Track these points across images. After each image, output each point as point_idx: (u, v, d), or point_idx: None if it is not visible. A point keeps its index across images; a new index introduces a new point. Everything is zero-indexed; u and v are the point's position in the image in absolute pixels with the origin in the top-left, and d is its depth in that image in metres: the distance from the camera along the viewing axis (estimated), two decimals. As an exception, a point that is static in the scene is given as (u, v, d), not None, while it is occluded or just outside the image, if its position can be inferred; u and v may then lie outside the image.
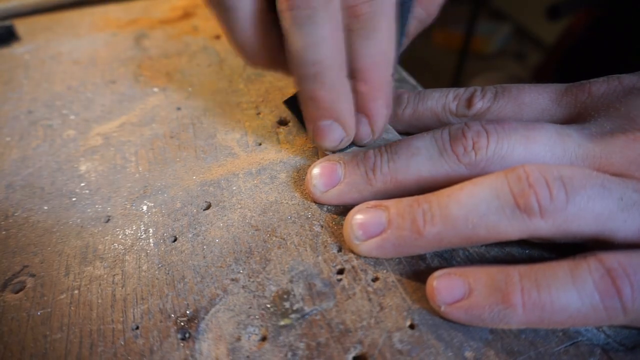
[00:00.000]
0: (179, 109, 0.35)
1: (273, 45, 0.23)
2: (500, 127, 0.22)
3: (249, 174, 0.28)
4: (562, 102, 0.25)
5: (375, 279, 0.22)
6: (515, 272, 0.19)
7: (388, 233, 0.21)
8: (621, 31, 0.70)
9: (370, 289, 0.21)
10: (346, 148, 0.27)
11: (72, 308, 0.22)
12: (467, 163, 0.22)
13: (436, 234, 0.20)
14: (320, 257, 0.23)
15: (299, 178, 0.27)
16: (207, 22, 0.49)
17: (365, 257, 0.22)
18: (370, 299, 0.21)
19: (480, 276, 0.19)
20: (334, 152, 0.26)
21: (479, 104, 0.26)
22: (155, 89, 0.38)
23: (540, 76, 0.89)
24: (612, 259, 0.18)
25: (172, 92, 0.37)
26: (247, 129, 0.32)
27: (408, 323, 0.20)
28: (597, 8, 0.75)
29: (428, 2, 0.28)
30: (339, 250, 0.23)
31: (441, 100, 0.27)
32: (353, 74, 0.23)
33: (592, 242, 0.20)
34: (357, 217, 0.22)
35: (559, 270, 0.18)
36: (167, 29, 0.48)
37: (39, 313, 0.22)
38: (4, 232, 0.26)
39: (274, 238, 0.24)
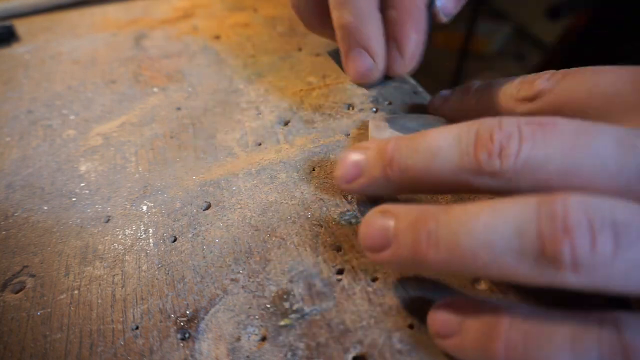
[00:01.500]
0: (179, 109, 0.35)
1: None
2: (540, 129, 0.17)
3: (249, 174, 0.28)
4: None
5: (375, 279, 0.22)
6: (506, 318, 0.16)
7: (388, 253, 0.18)
8: (621, 31, 0.70)
9: (370, 289, 0.21)
10: (380, 84, 0.26)
11: (72, 308, 0.22)
12: (490, 172, 0.17)
13: (440, 261, 0.16)
14: (320, 257, 0.23)
15: (299, 178, 0.27)
16: (207, 22, 0.49)
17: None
18: (370, 299, 0.21)
19: (473, 315, 0.17)
20: (367, 87, 0.27)
21: (542, 84, 0.23)
22: (155, 89, 0.38)
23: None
24: (636, 331, 0.14)
25: (172, 92, 0.37)
26: (247, 129, 0.32)
27: (408, 323, 0.20)
28: (597, 8, 0.76)
29: None
30: (339, 250, 0.23)
31: (507, 85, 0.25)
32: (384, 4, 0.24)
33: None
34: (361, 230, 0.20)
35: (559, 330, 0.15)
36: (167, 29, 0.48)
37: (38, 313, 0.22)
38: (3, 232, 0.26)
39: (273, 238, 0.24)
